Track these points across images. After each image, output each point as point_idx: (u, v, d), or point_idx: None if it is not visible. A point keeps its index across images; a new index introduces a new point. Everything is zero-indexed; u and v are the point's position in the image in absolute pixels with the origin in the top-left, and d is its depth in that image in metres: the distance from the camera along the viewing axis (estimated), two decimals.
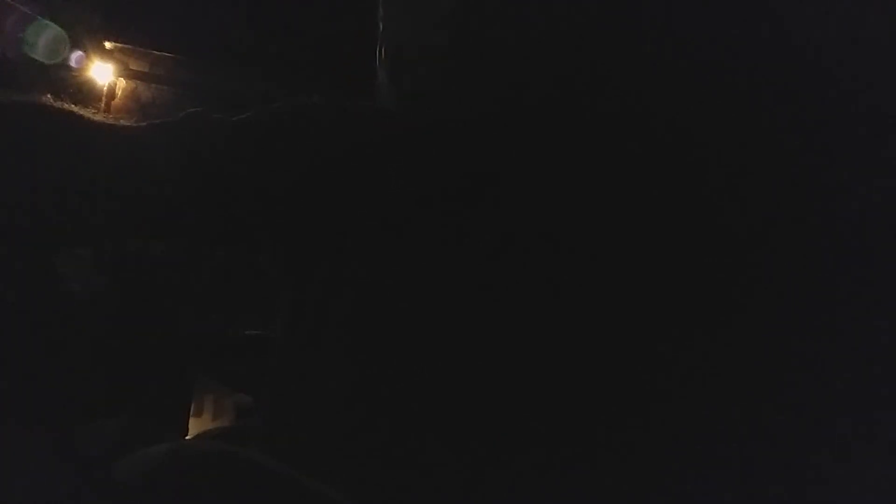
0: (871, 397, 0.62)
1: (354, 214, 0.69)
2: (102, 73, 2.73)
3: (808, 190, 0.65)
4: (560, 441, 0.61)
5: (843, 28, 0.66)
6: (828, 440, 0.61)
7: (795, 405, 0.62)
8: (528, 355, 0.62)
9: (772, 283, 0.64)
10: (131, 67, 2.81)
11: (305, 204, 0.70)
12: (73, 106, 0.70)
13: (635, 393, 0.62)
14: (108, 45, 2.72)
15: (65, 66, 2.54)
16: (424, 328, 0.64)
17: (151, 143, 0.71)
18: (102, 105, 2.69)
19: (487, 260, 0.65)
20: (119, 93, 2.79)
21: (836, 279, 0.63)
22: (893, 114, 0.65)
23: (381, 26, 0.77)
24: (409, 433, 0.62)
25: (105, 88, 2.74)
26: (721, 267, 0.64)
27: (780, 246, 0.64)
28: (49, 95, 0.70)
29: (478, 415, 0.62)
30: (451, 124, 0.72)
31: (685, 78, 0.67)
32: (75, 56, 2.59)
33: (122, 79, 2.80)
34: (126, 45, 2.75)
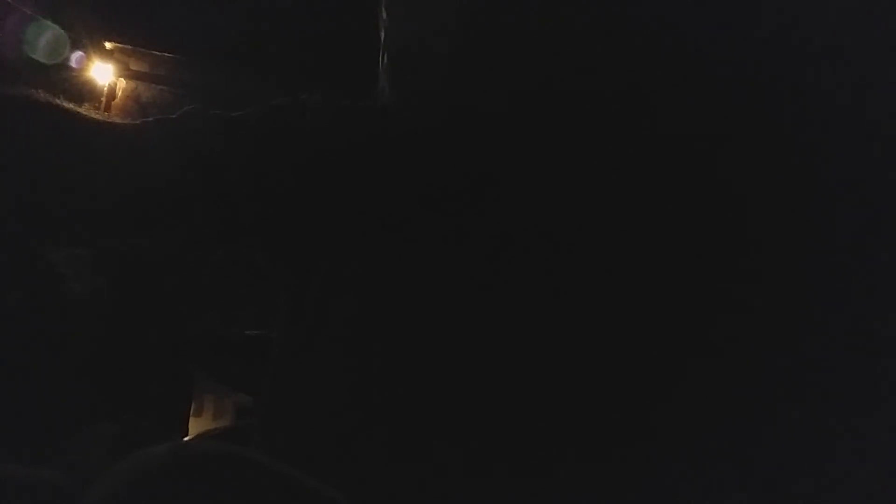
0: (872, 397, 0.62)
1: (354, 214, 0.69)
2: (102, 73, 2.72)
3: (808, 189, 0.65)
4: (560, 442, 0.61)
5: (844, 27, 0.66)
6: (827, 440, 0.61)
7: (795, 405, 0.62)
8: (527, 356, 0.62)
9: (771, 283, 0.64)
10: (131, 67, 2.80)
11: (305, 203, 0.70)
12: (69, 104, 0.70)
13: (634, 394, 0.62)
14: (108, 45, 2.71)
15: (65, 66, 2.54)
16: (424, 328, 0.64)
17: (150, 141, 0.71)
18: (102, 105, 2.69)
19: (487, 260, 0.65)
20: (119, 93, 2.79)
21: (836, 279, 0.63)
22: (893, 114, 0.65)
23: (383, 30, 0.77)
24: (408, 433, 0.62)
25: (105, 88, 2.73)
26: (720, 267, 0.64)
27: (780, 246, 0.64)
28: (45, 93, 0.70)
29: (477, 414, 0.62)
30: (451, 125, 0.72)
31: (684, 82, 0.67)
32: (75, 56, 2.58)
33: (122, 79, 2.79)
34: (126, 45, 2.74)
